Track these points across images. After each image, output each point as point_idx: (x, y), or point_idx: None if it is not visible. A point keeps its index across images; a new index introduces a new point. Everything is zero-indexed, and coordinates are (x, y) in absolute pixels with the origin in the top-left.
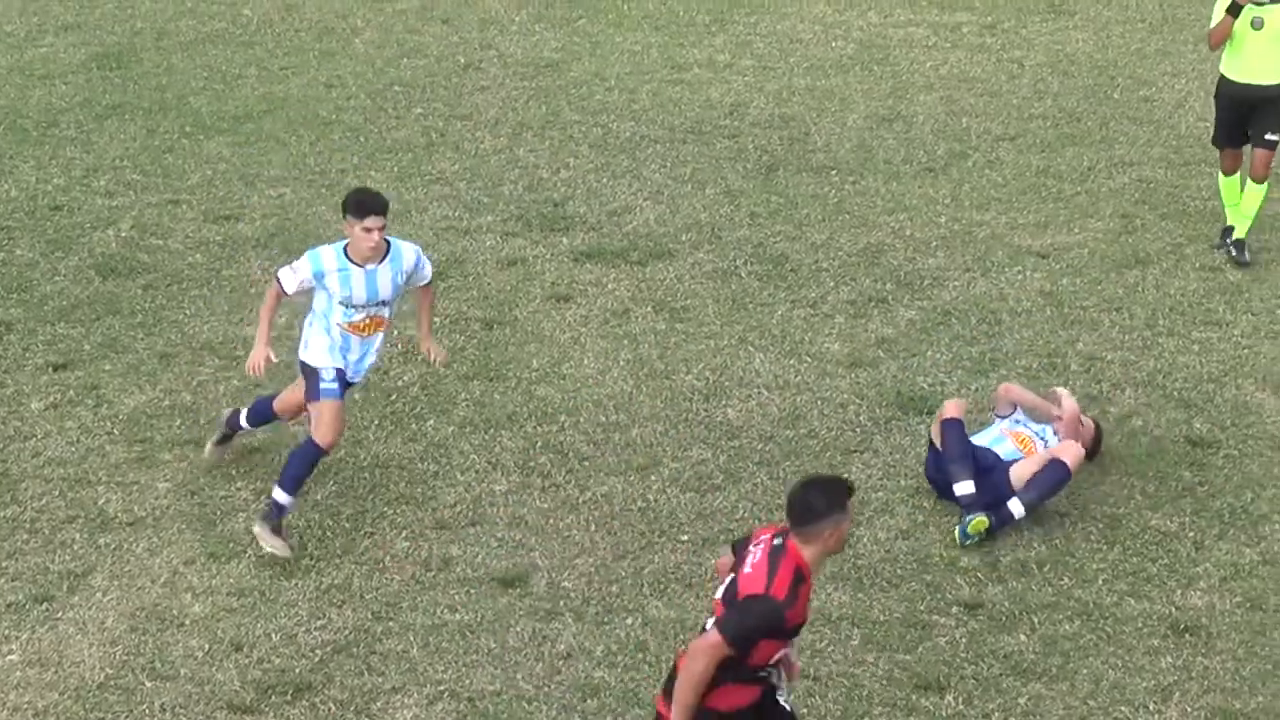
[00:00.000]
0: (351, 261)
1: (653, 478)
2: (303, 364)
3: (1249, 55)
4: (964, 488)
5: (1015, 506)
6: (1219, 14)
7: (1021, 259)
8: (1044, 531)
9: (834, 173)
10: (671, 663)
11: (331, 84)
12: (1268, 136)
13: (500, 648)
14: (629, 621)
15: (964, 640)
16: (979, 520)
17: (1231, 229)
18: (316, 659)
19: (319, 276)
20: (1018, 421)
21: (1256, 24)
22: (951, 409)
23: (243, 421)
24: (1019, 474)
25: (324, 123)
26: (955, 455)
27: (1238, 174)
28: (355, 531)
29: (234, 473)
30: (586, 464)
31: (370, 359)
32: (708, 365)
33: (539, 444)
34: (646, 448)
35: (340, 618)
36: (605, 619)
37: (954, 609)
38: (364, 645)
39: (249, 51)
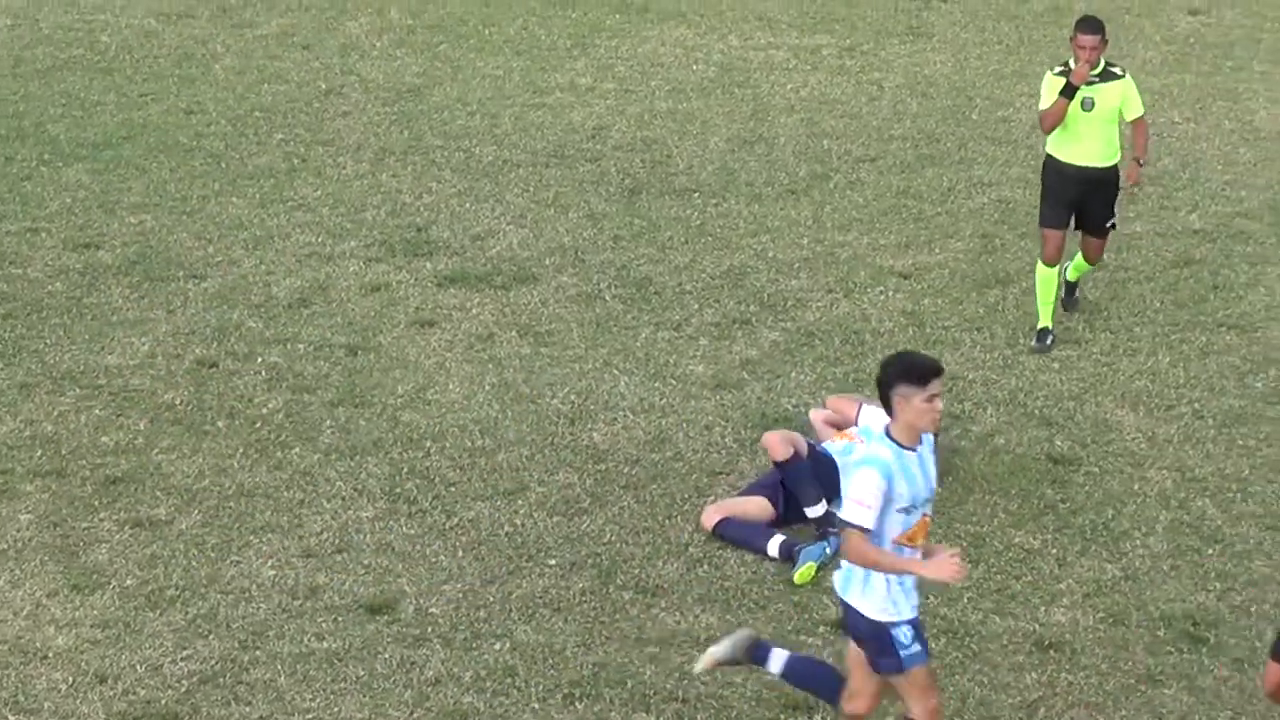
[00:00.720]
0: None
1: (519, 502)
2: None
3: (1081, 137)
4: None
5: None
6: (1050, 96)
7: (884, 279)
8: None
9: (696, 195)
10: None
11: (192, 110)
12: (1108, 223)
13: (368, 675)
14: (497, 646)
15: (832, 660)
16: (806, 569)
17: (1047, 331)
18: (183, 689)
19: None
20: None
21: (1087, 105)
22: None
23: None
24: None
25: (184, 149)
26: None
27: (1058, 267)
28: (221, 561)
29: (96, 503)
30: (453, 489)
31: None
32: (573, 389)
33: (405, 470)
34: (513, 472)
35: (206, 648)
36: (473, 644)
37: (821, 629)
38: (230, 675)
39: (108, 78)
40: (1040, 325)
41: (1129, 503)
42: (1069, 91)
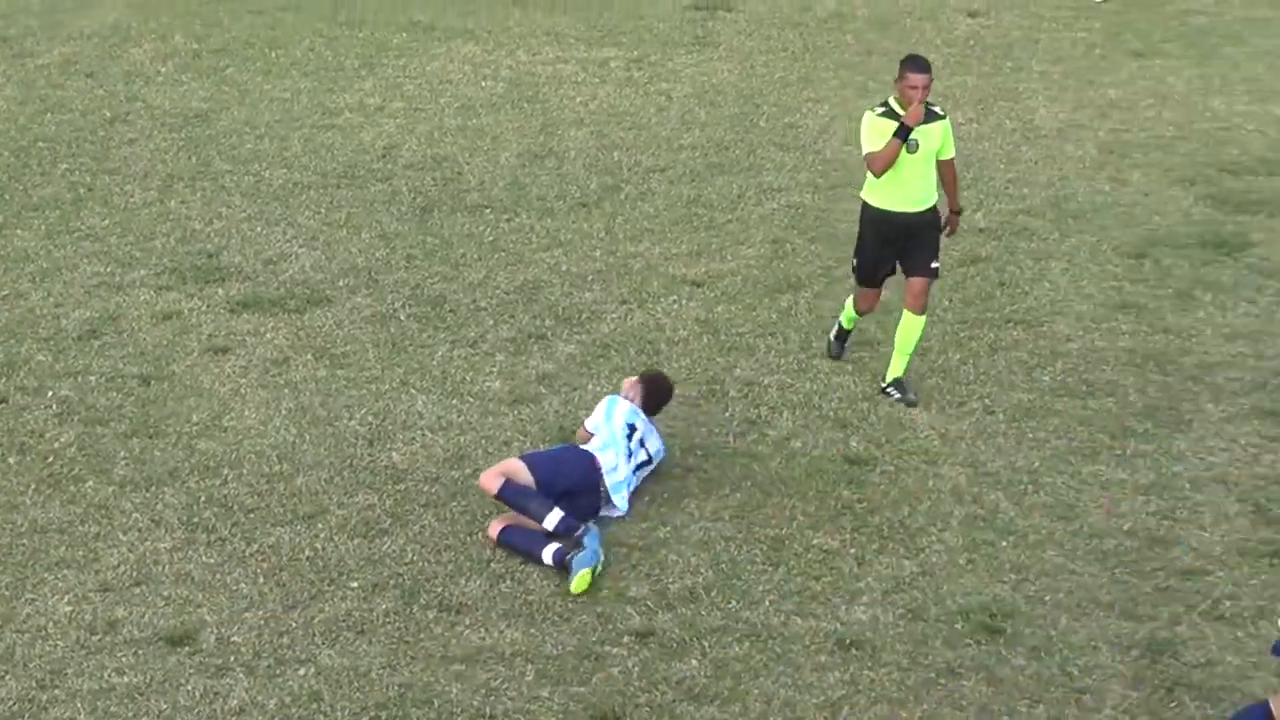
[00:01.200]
0: None
1: (319, 526)
2: None
3: (904, 181)
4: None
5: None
6: (879, 138)
7: (677, 288)
8: (711, 557)
9: (488, 211)
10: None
11: None
12: (933, 265)
13: (171, 708)
14: (301, 672)
15: (637, 669)
16: (581, 577)
17: (899, 382)
18: None
19: None
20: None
21: (913, 147)
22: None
23: None
24: None
25: None
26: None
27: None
28: (15, 599)
29: None
30: (252, 516)
31: None
32: (370, 410)
33: (203, 498)
34: (312, 496)
35: (3, 689)
36: (277, 671)
37: (625, 639)
38: (29, 715)
39: None
40: (846, 326)
41: (924, 499)
42: (903, 133)
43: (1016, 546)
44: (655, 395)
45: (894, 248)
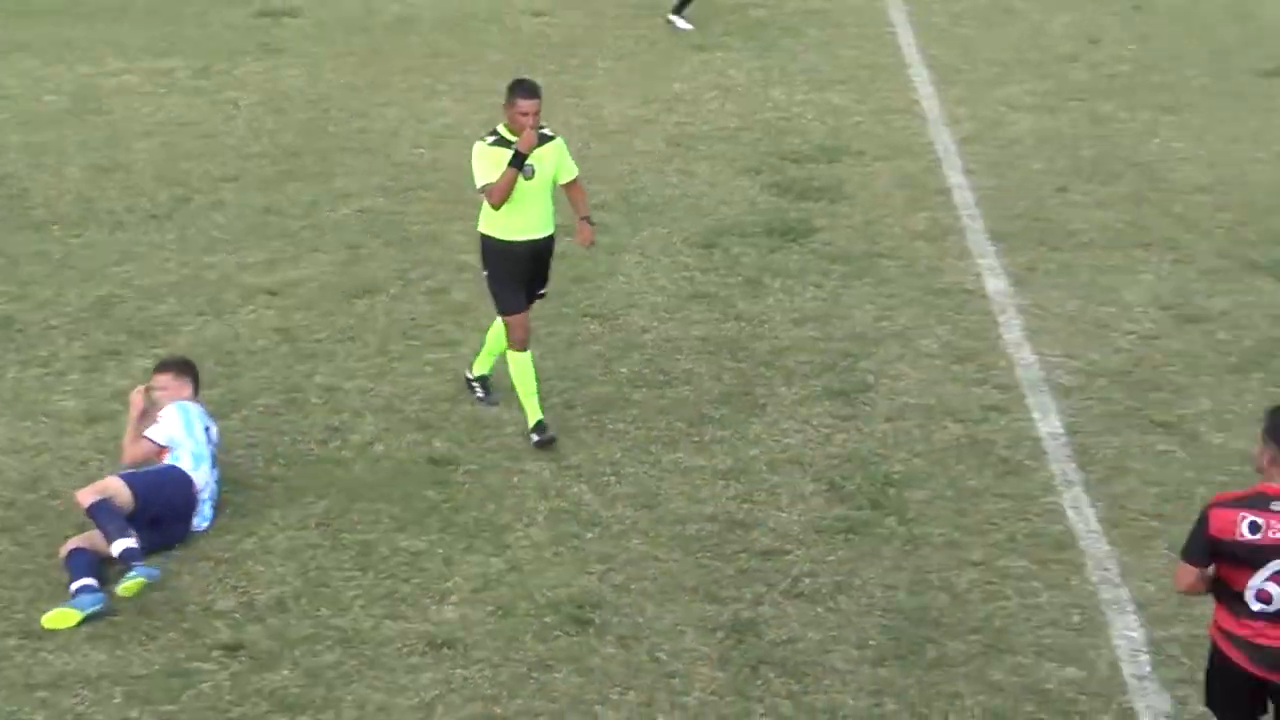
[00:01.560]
0: None
1: None
2: None
3: (525, 209)
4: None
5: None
6: (492, 168)
7: (253, 298)
8: (298, 565)
9: (56, 227)
10: None
11: None
12: (540, 293)
13: None
14: None
15: (228, 684)
16: (133, 584)
17: (542, 424)
18: None
19: None
20: None
21: (529, 173)
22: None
23: None
24: None
25: None
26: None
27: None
28: None
29: None
30: None
31: None
32: None
33: None
34: None
35: None
36: None
37: (215, 653)
38: None
39: None
40: (533, 421)
41: (508, 496)
42: (519, 161)
43: (601, 537)
44: (196, 375)
45: (526, 276)
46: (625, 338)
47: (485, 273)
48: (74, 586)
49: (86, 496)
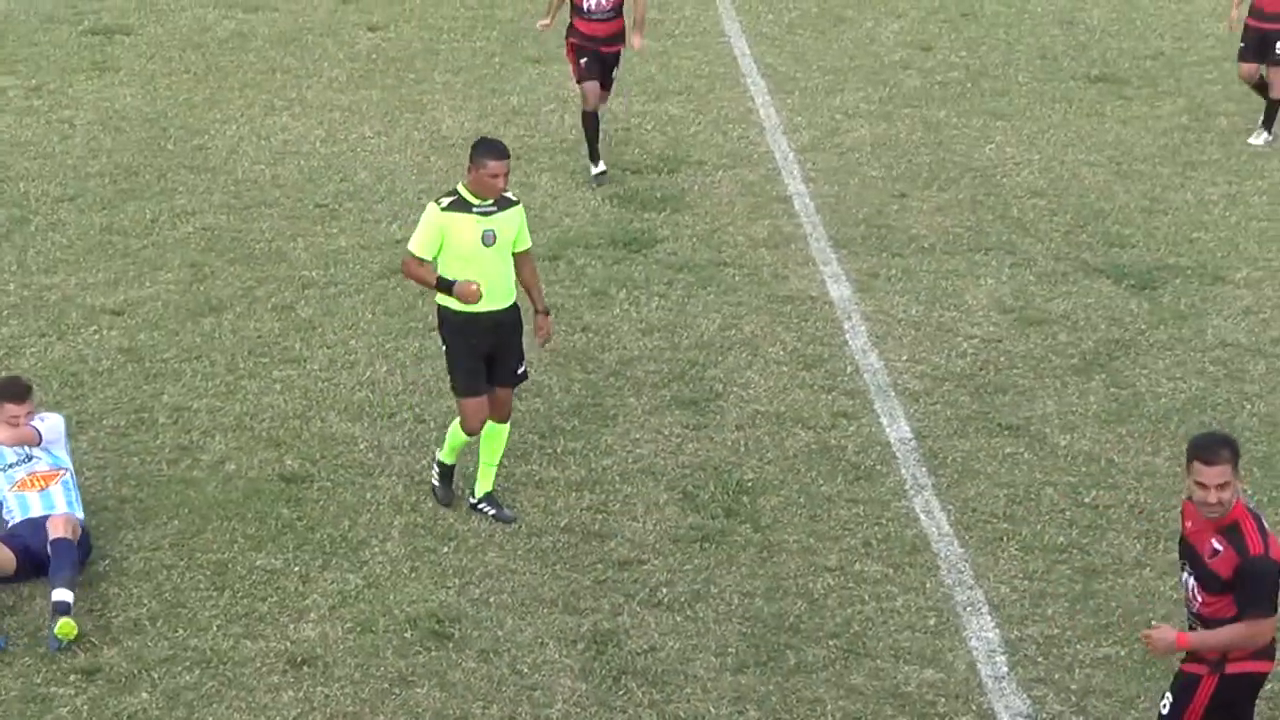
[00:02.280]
0: None
1: None
2: None
3: (484, 278)
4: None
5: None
6: (432, 242)
7: (96, 318)
8: (153, 586)
9: None
10: None
11: None
12: (519, 370)
13: None
14: None
15: (86, 707)
16: (66, 624)
17: (450, 470)
18: None
19: None
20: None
21: (489, 239)
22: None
23: None
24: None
25: None
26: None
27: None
28: None
29: None
30: None
31: None
32: None
33: None
34: None
35: None
36: None
37: (72, 677)
38: None
39: None
40: (440, 459)
41: (363, 512)
42: (445, 286)
43: (458, 551)
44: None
45: (486, 353)
46: None
47: (443, 348)
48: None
49: None
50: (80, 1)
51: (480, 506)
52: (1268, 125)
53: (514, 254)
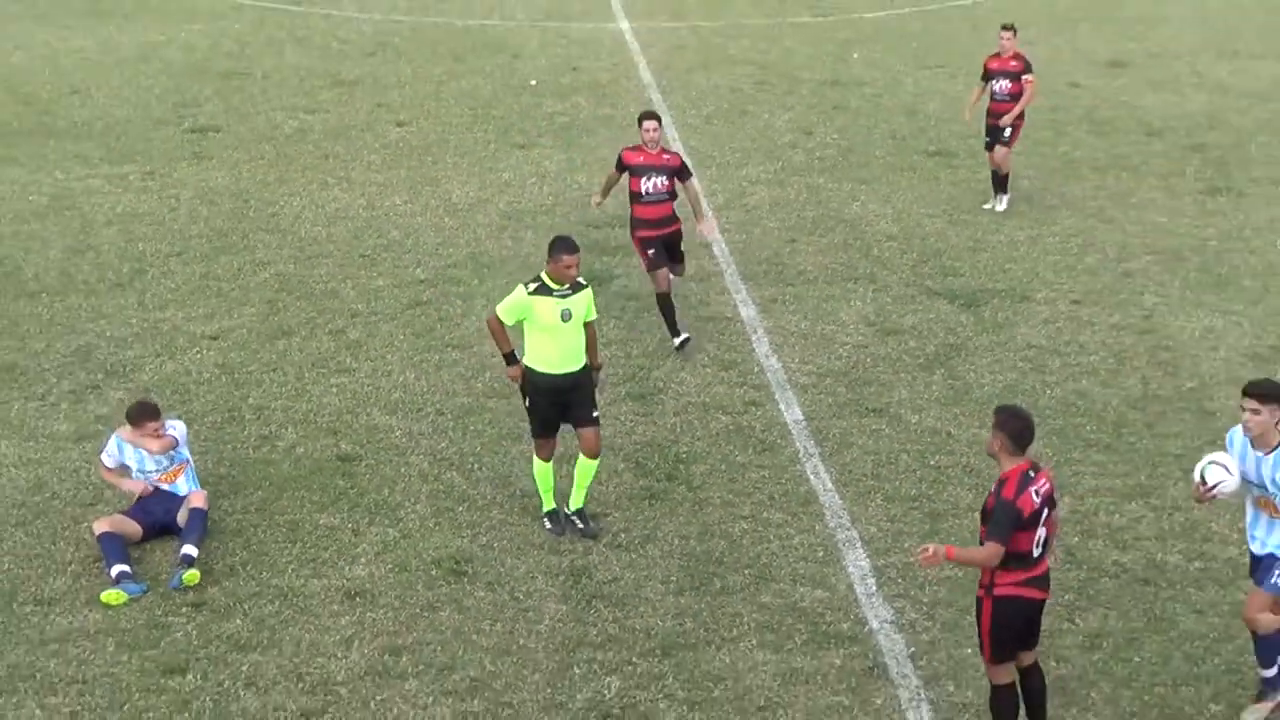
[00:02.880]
0: None
1: None
2: None
3: (563, 347)
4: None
5: None
6: (514, 314)
7: (198, 342)
8: (243, 540)
9: (44, 295)
10: None
11: None
12: (594, 415)
13: None
14: None
15: (195, 631)
16: (192, 574)
17: (555, 512)
18: None
19: None
20: None
21: (565, 316)
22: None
23: None
24: None
25: None
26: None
27: (552, 460)
28: None
29: None
30: None
31: None
32: None
33: None
34: None
35: None
36: None
37: (184, 609)
38: None
39: None
40: (548, 509)
41: (399, 482)
42: (512, 359)
43: (470, 510)
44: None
45: (560, 405)
46: (479, 361)
47: (525, 402)
48: (115, 571)
49: (98, 525)
50: (182, 108)
51: (573, 519)
52: (999, 191)
53: (584, 323)
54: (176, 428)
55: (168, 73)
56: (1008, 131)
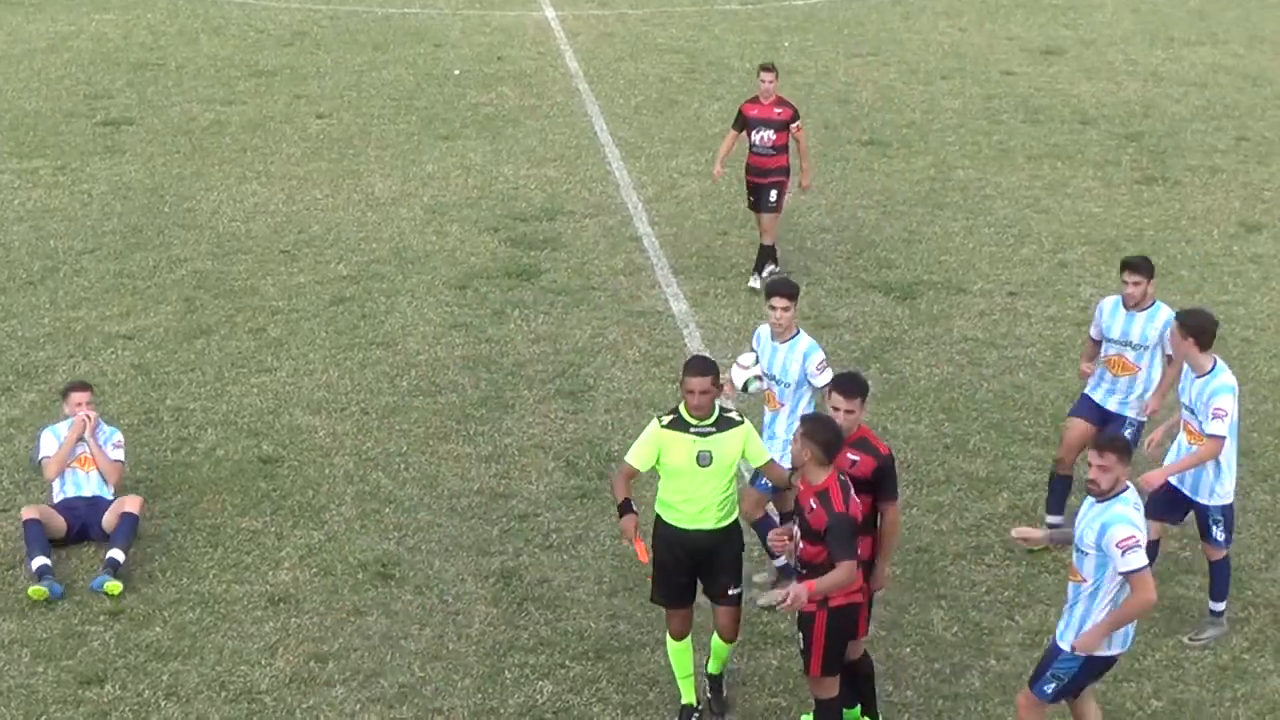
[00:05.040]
0: None
1: None
2: None
3: (697, 498)
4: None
5: None
6: (649, 455)
7: (113, 342)
8: (163, 545)
9: None
10: None
11: None
12: (731, 591)
13: None
14: None
15: (113, 640)
16: (114, 585)
17: (691, 708)
18: None
19: None
20: None
21: (704, 460)
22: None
23: None
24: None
25: None
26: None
27: (689, 636)
28: None
29: None
30: None
31: None
32: None
33: None
34: None
35: None
36: None
37: (102, 617)
38: None
39: None
40: (684, 701)
41: (324, 484)
42: (625, 510)
43: (397, 512)
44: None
45: (689, 568)
46: (404, 359)
47: (651, 553)
48: (36, 565)
49: (25, 513)
50: (94, 100)
51: (710, 686)
52: (759, 269)
53: (759, 468)
54: (115, 434)
55: (78, 63)
56: (773, 194)
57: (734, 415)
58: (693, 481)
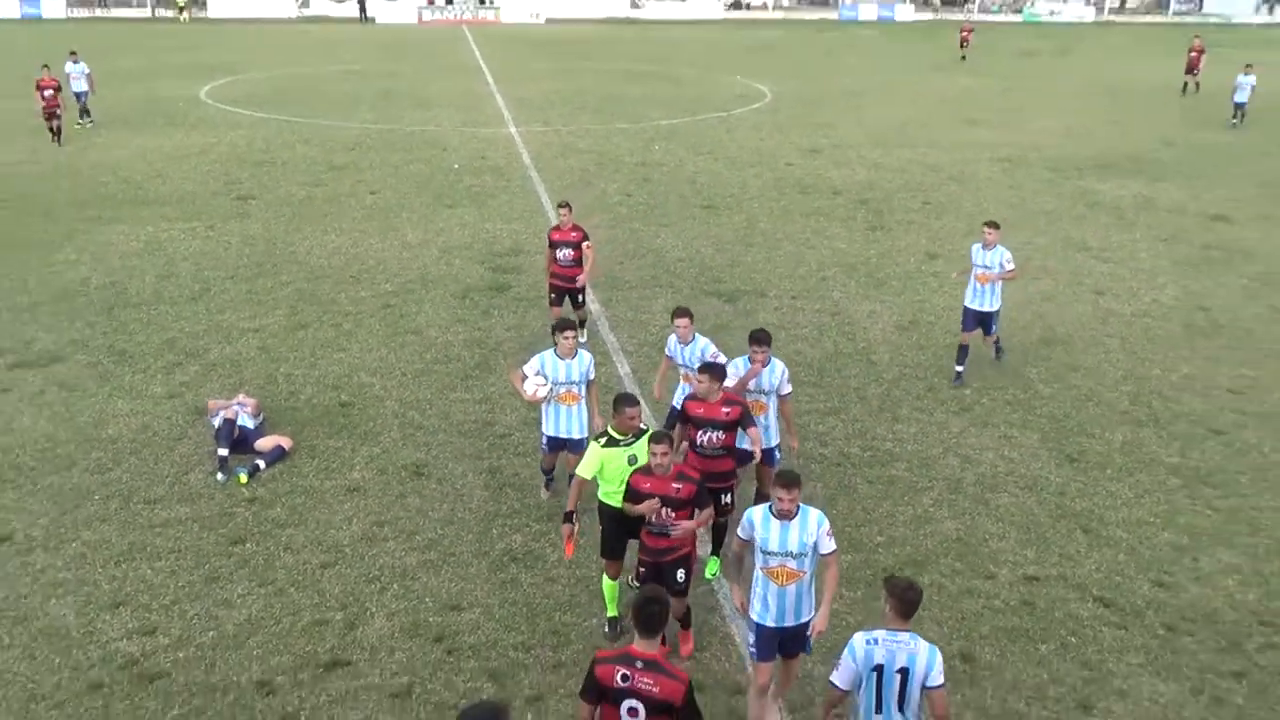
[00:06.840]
0: None
1: None
2: None
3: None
4: None
5: None
6: (591, 466)
7: (245, 334)
8: (282, 458)
9: (143, 306)
10: None
11: None
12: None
13: None
14: None
15: (251, 517)
16: (244, 478)
17: (616, 619)
18: None
19: None
20: None
21: (632, 461)
22: None
23: None
24: None
25: None
26: None
27: (621, 577)
28: None
29: None
30: None
31: None
32: None
33: None
34: None
35: None
36: None
37: (242, 503)
38: None
39: None
40: (609, 615)
41: (379, 418)
42: (568, 519)
43: (425, 434)
44: None
45: (624, 531)
46: (427, 342)
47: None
48: (222, 453)
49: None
50: (230, 184)
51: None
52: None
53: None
54: (248, 405)
55: (220, 161)
56: (581, 297)
57: (642, 426)
58: (624, 476)
